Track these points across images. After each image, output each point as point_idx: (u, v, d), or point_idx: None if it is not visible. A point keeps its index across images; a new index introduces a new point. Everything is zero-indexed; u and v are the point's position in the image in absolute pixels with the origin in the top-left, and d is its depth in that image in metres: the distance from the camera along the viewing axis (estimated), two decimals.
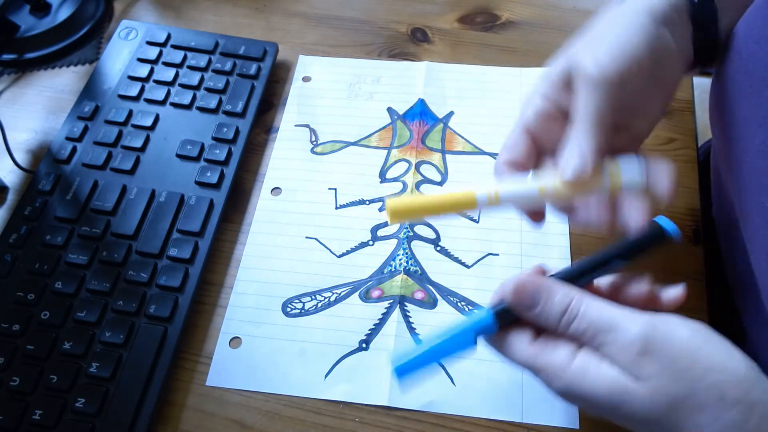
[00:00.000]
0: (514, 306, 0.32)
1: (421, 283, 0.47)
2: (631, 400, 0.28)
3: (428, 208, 0.36)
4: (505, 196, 0.35)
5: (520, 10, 0.63)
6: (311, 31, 0.62)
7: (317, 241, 0.49)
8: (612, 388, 0.29)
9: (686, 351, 0.28)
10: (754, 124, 0.35)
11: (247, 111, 0.55)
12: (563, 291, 0.31)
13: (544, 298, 0.32)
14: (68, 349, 0.42)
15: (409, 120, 0.56)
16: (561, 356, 0.31)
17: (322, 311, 0.46)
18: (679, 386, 0.28)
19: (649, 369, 0.28)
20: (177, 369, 0.44)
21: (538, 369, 0.31)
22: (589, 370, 0.30)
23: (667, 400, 0.28)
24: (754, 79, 0.35)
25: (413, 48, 0.60)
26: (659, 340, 0.28)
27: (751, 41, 0.35)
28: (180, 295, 0.45)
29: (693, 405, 0.27)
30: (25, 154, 0.55)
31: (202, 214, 0.48)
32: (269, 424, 0.41)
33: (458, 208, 0.36)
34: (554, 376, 0.30)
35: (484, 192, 0.35)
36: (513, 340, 0.32)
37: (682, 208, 0.49)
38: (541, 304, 0.32)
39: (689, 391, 0.27)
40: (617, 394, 0.29)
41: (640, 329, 0.29)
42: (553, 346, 0.31)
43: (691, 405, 0.27)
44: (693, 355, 0.28)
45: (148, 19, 0.63)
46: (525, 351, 0.32)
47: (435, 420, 0.41)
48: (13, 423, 0.40)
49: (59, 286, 0.45)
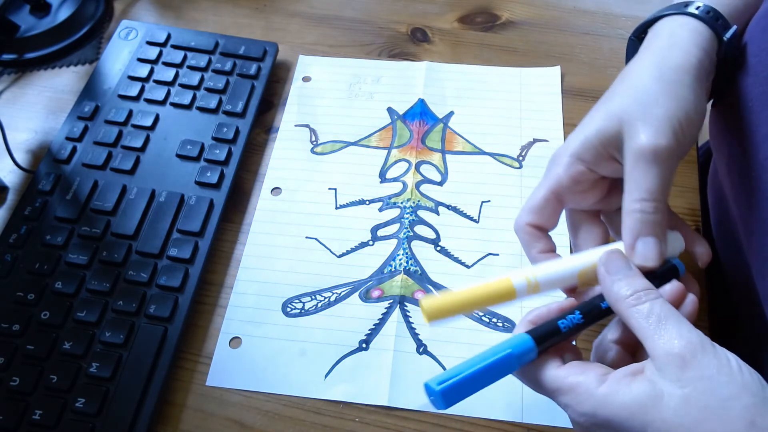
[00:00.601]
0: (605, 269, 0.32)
1: (421, 283, 0.47)
2: (664, 404, 0.27)
3: (465, 305, 0.33)
4: (545, 283, 0.34)
5: (520, 10, 0.63)
6: (311, 31, 0.62)
7: (317, 241, 0.49)
8: (644, 395, 0.28)
9: (725, 372, 0.27)
10: (759, 138, 0.35)
11: (247, 111, 0.55)
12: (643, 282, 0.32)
13: (633, 272, 0.32)
14: (68, 349, 0.42)
15: (409, 120, 0.56)
16: (591, 377, 0.30)
17: (322, 311, 0.46)
18: (714, 400, 0.26)
19: (689, 375, 0.27)
20: (177, 369, 0.44)
21: (566, 390, 0.30)
22: (619, 389, 0.28)
23: (700, 411, 0.26)
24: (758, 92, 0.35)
25: (413, 48, 0.60)
26: (707, 355, 0.28)
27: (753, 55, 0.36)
28: (180, 295, 0.45)
29: (724, 423, 0.26)
30: (25, 154, 0.55)
31: (202, 214, 0.48)
32: (269, 424, 0.41)
33: (497, 301, 0.34)
34: (583, 397, 0.29)
35: (522, 281, 0.33)
36: (545, 365, 0.31)
37: (683, 208, 0.49)
38: (630, 273, 0.32)
39: (724, 408, 0.26)
40: (651, 398, 0.27)
41: (692, 337, 0.28)
42: (583, 369, 0.30)
43: (721, 425, 0.26)
44: (732, 377, 0.27)
45: (148, 19, 0.63)
46: (555, 373, 0.31)
47: (435, 420, 0.41)
48: (13, 423, 0.40)
49: (59, 286, 0.45)
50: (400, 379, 0.42)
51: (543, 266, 0.35)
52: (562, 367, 0.31)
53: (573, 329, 0.32)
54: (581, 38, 0.60)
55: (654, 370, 0.28)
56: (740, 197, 0.38)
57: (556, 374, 0.31)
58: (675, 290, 0.32)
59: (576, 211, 0.38)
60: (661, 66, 0.35)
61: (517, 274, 0.34)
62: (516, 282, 0.34)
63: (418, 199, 0.51)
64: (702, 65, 0.35)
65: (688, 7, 0.37)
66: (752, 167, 0.36)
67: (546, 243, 0.37)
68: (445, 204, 0.50)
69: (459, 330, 0.44)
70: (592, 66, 0.58)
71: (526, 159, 0.52)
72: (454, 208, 0.50)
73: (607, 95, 0.37)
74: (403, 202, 0.51)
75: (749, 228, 0.37)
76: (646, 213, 0.33)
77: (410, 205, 0.50)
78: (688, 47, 0.35)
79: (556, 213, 0.37)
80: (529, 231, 0.37)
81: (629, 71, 0.36)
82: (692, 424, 0.26)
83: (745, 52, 0.37)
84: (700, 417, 0.26)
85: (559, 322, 0.32)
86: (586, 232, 0.38)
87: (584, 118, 0.37)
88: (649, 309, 0.30)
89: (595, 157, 0.35)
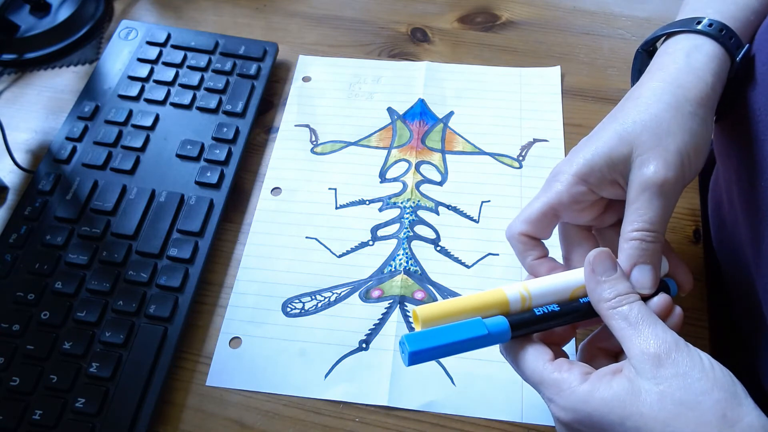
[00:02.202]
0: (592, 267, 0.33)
1: (421, 283, 0.47)
2: (641, 400, 0.28)
3: (459, 314, 0.34)
4: (537, 296, 0.34)
5: (520, 10, 0.63)
6: (311, 31, 0.62)
7: (317, 241, 0.49)
8: (623, 391, 0.29)
9: (698, 369, 0.29)
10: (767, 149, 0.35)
11: (247, 111, 0.55)
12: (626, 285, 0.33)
13: (617, 275, 0.33)
14: (68, 349, 0.42)
15: (409, 120, 0.56)
16: (574, 375, 0.31)
17: (322, 311, 0.46)
18: (688, 395, 0.28)
19: (664, 373, 0.29)
20: (177, 369, 0.44)
21: (550, 383, 0.31)
22: (600, 386, 0.30)
23: (675, 405, 0.28)
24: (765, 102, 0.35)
25: (413, 48, 0.60)
26: (681, 354, 0.29)
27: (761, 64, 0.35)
28: (180, 295, 0.45)
29: (697, 416, 0.27)
30: (25, 154, 0.55)
31: (202, 214, 0.48)
32: (269, 424, 0.41)
33: (489, 309, 0.34)
34: (566, 393, 0.30)
35: (516, 294, 0.34)
36: (531, 352, 0.33)
37: (682, 208, 0.49)
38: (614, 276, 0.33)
39: (697, 403, 0.28)
40: (629, 394, 0.29)
41: (667, 337, 0.30)
42: (569, 366, 0.31)
43: (695, 418, 0.27)
44: (704, 374, 0.28)
45: (148, 19, 0.63)
46: (540, 368, 0.32)
47: (435, 420, 0.41)
48: (13, 423, 0.40)
49: (59, 286, 0.45)
50: (400, 379, 0.42)
51: (537, 281, 0.35)
52: (549, 362, 0.32)
53: (548, 315, 0.34)
54: (581, 38, 0.60)
55: (632, 368, 0.30)
56: (749, 208, 0.38)
57: (543, 367, 0.32)
58: (662, 303, 0.33)
59: (569, 225, 0.39)
60: (677, 94, 0.35)
61: (511, 287, 0.35)
62: (510, 294, 0.34)
63: (418, 199, 0.51)
64: (716, 94, 0.36)
65: (700, 24, 0.37)
66: (761, 178, 0.36)
67: (540, 250, 0.37)
68: (445, 204, 0.50)
69: None
70: (592, 66, 0.58)
71: (526, 159, 0.52)
72: (454, 208, 0.50)
73: (618, 114, 0.36)
74: (403, 202, 0.51)
75: (757, 239, 0.37)
76: (645, 242, 0.34)
77: (410, 205, 0.50)
78: (705, 75, 0.35)
79: (551, 226, 0.37)
80: (523, 240, 0.37)
81: (643, 93, 0.36)
82: (668, 418, 0.28)
83: (753, 62, 0.37)
84: (675, 411, 0.28)
85: (535, 308, 0.34)
86: (578, 246, 0.38)
87: (592, 134, 0.37)
88: (628, 311, 0.31)
89: (599, 180, 0.35)
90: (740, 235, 0.40)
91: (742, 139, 0.37)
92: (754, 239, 0.37)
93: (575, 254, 0.38)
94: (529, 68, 0.58)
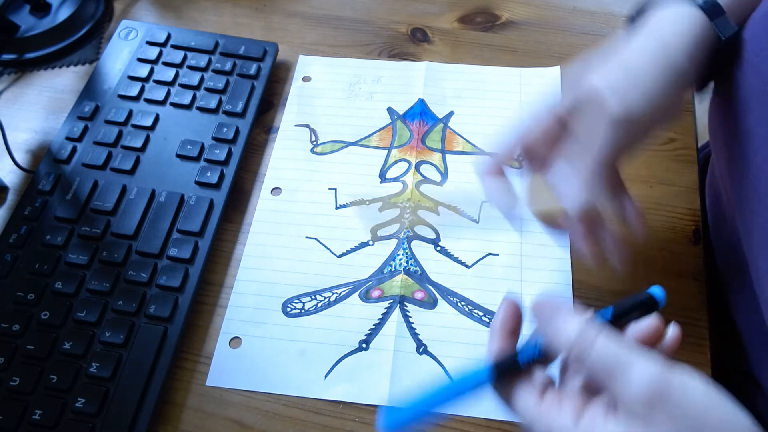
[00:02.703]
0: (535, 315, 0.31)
1: (421, 283, 0.47)
2: None
3: None
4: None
5: (520, 10, 0.63)
6: (311, 31, 0.62)
7: (317, 241, 0.49)
8: None
9: (698, 410, 0.27)
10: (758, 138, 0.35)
11: (247, 111, 0.55)
12: (580, 319, 0.30)
13: (563, 317, 0.30)
14: (68, 349, 0.42)
15: (409, 120, 0.56)
16: (567, 415, 0.29)
17: (322, 311, 0.46)
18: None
19: (660, 418, 0.27)
20: (177, 369, 0.44)
21: (544, 426, 0.30)
22: (594, 430, 0.28)
23: None
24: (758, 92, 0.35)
25: (413, 48, 0.60)
26: (672, 391, 0.27)
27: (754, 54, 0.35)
28: (180, 295, 0.45)
29: None
30: (25, 154, 0.55)
31: (202, 214, 0.48)
32: (269, 424, 0.41)
33: None
34: None
35: None
36: (520, 394, 0.31)
37: (682, 208, 0.49)
38: (558, 322, 0.30)
39: None
40: None
41: (651, 377, 0.27)
42: (559, 406, 0.30)
43: None
44: (704, 415, 0.27)
45: (148, 19, 0.63)
46: (531, 408, 0.31)
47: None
48: (13, 423, 0.40)
49: (59, 286, 0.45)
50: (400, 379, 0.42)
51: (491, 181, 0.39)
52: (539, 402, 0.31)
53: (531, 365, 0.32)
54: (581, 38, 0.60)
55: (625, 412, 0.28)
56: (739, 197, 0.38)
57: (534, 411, 0.31)
58: (651, 329, 0.31)
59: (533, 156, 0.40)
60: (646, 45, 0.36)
61: None
62: None
63: (418, 199, 0.51)
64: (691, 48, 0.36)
65: None
66: (750, 168, 0.36)
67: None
68: (445, 204, 0.51)
69: (459, 330, 0.44)
70: None
71: None
72: (454, 208, 0.50)
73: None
74: (403, 202, 0.51)
75: (747, 228, 0.37)
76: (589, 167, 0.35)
77: (410, 205, 0.50)
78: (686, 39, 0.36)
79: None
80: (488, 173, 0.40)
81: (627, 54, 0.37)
82: None
83: (745, 49, 0.37)
84: None
85: (519, 358, 0.32)
86: None
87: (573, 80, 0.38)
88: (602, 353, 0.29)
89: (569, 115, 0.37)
90: (734, 232, 0.40)
91: (734, 130, 0.38)
92: (747, 231, 0.37)
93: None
94: (529, 68, 0.58)
